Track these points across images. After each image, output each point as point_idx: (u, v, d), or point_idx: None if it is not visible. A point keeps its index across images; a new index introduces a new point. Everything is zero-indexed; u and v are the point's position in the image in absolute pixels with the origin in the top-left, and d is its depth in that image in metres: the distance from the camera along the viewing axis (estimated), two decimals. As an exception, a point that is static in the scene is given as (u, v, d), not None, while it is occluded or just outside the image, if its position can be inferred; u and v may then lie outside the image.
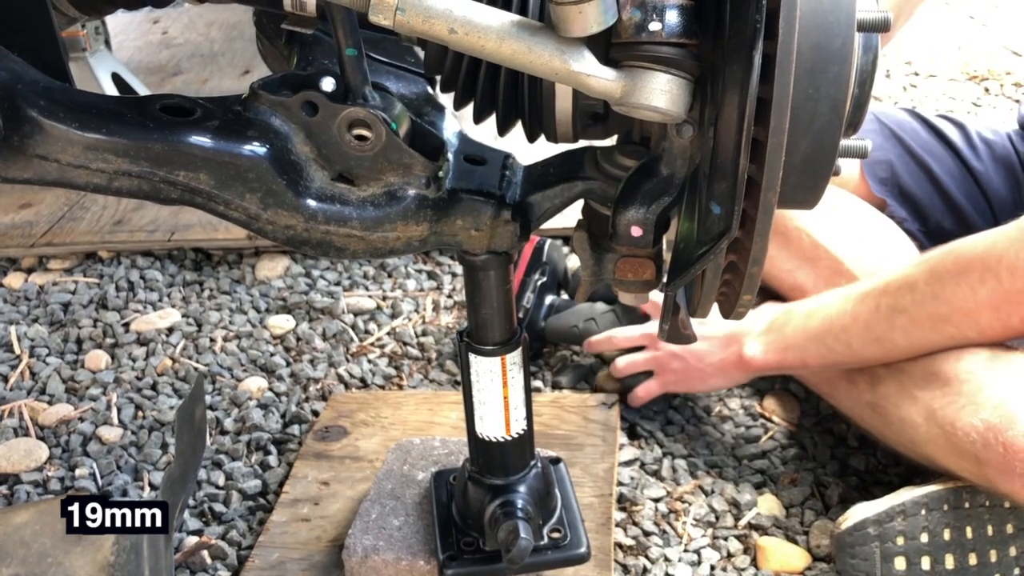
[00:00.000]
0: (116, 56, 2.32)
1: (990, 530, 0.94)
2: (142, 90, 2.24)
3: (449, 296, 1.60)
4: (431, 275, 1.66)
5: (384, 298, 1.60)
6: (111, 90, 2.12)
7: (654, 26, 0.55)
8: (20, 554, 0.93)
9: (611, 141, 0.77)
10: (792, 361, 1.11)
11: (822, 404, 1.25)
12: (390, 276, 1.66)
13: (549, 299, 1.43)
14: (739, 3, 0.52)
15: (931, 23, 2.80)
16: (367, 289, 1.63)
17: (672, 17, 0.55)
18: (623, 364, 1.27)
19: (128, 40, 2.88)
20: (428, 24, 0.56)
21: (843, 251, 1.23)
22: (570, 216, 0.79)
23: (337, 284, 1.64)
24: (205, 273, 1.70)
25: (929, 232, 1.29)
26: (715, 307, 0.97)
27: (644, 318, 1.32)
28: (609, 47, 0.57)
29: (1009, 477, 0.86)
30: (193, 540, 1.11)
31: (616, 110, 0.59)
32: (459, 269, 1.63)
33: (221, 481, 1.21)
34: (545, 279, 1.43)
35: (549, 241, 1.52)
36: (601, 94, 0.57)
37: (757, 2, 0.50)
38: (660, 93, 0.56)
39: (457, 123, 0.82)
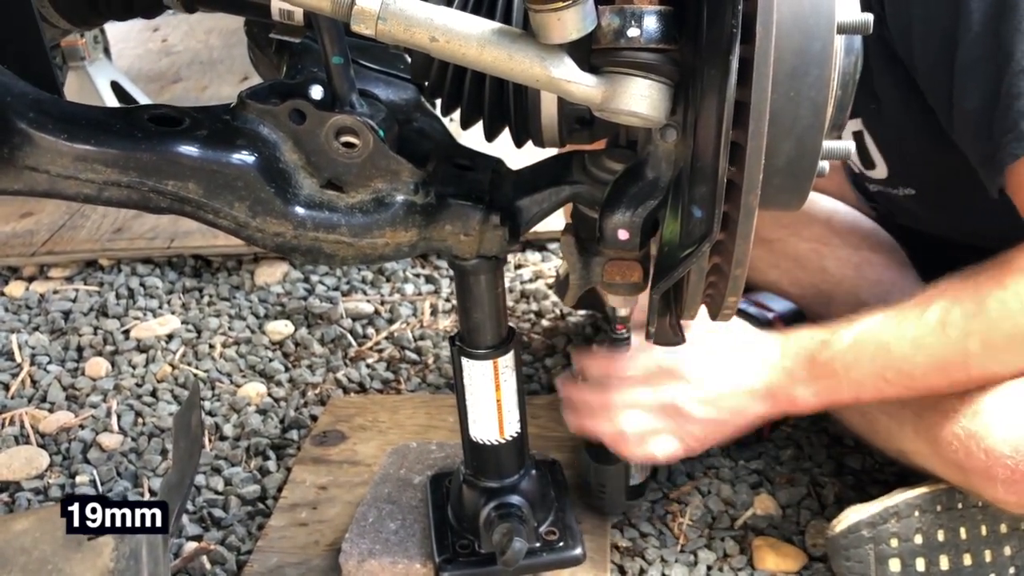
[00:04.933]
0: (116, 64, 2.33)
1: (984, 530, 0.94)
2: (142, 98, 2.25)
3: (447, 300, 1.60)
4: (429, 279, 1.66)
5: (382, 302, 1.60)
6: (111, 99, 2.14)
7: (633, 32, 0.56)
8: (21, 561, 0.93)
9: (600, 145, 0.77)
10: (846, 398, 0.95)
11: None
12: (388, 280, 1.67)
13: None
14: (716, 8, 0.53)
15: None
16: (365, 294, 1.63)
17: (650, 23, 0.56)
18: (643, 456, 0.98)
19: (128, 48, 2.89)
20: (409, 33, 0.56)
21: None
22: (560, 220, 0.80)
23: (335, 289, 1.65)
24: (204, 279, 1.71)
25: (913, 235, 1.28)
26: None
27: None
28: (590, 53, 0.58)
29: (992, 484, 0.86)
30: (192, 545, 1.11)
31: (598, 116, 0.59)
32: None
33: (220, 486, 1.22)
34: None
35: None
36: (582, 100, 0.58)
37: (733, 6, 0.50)
38: (640, 98, 0.56)
39: (446, 129, 0.83)
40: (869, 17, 0.57)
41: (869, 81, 0.93)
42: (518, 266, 1.68)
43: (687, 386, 0.94)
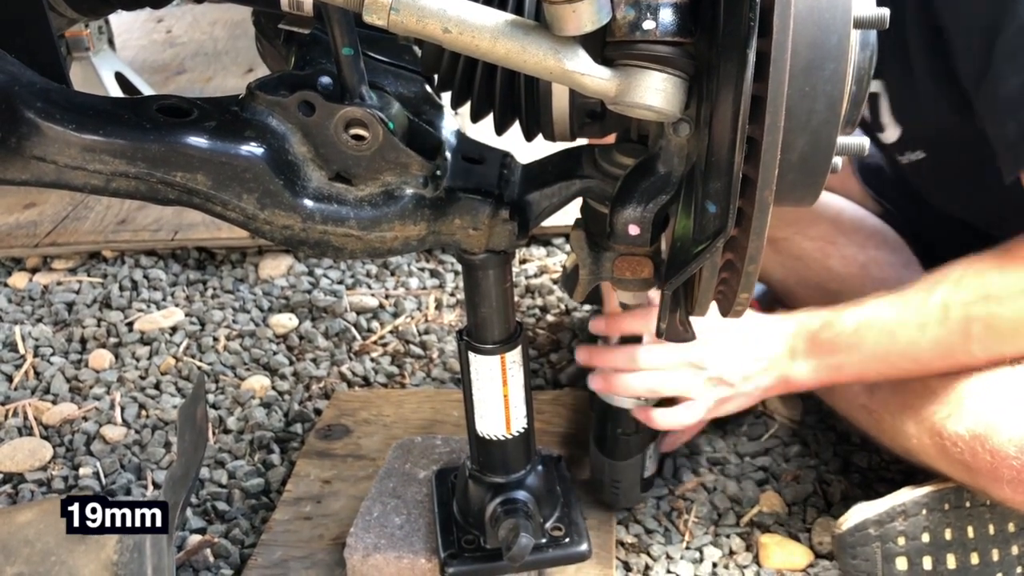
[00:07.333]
0: (120, 55, 2.32)
1: (992, 529, 0.94)
2: (146, 89, 2.24)
3: (452, 294, 1.60)
4: (434, 273, 1.66)
5: (387, 296, 1.60)
6: (115, 90, 2.13)
7: (648, 24, 0.55)
8: (24, 553, 0.93)
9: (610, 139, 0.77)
10: (847, 377, 1.00)
11: (824, 402, 1.25)
12: (393, 274, 1.66)
13: None
14: (733, 1, 0.52)
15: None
16: (370, 287, 1.63)
17: (666, 15, 0.55)
18: (670, 421, 1.02)
19: (132, 39, 2.88)
20: (422, 24, 0.55)
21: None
22: (571, 214, 0.79)
23: (340, 283, 1.65)
24: (208, 272, 1.70)
25: (920, 233, 1.28)
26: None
27: None
28: (604, 46, 0.57)
29: (999, 484, 0.86)
30: (196, 539, 1.11)
31: (611, 109, 0.58)
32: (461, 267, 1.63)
33: (224, 480, 1.22)
34: None
35: None
36: (596, 93, 0.57)
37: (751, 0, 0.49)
38: (655, 92, 0.56)
39: (456, 122, 0.82)
40: (885, 12, 0.56)
41: (903, 45, 0.95)
42: (523, 261, 1.67)
43: (704, 348, 0.98)
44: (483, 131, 0.77)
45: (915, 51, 0.94)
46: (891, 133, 1.07)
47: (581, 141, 0.76)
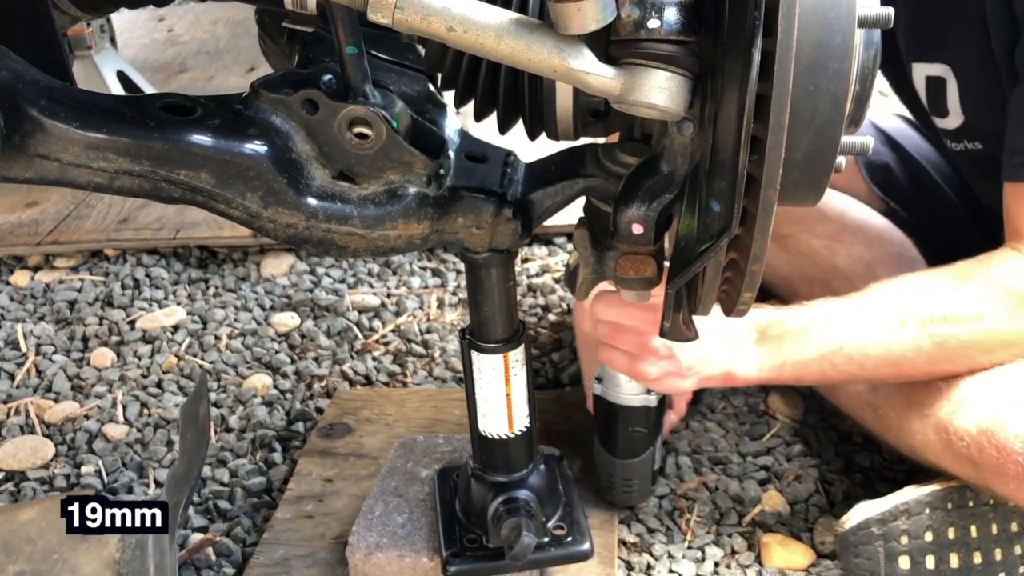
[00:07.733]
0: (122, 54, 2.32)
1: (994, 528, 0.94)
2: (148, 88, 2.24)
3: (453, 293, 1.60)
4: (436, 272, 1.66)
5: (389, 295, 1.60)
6: (116, 88, 2.13)
7: (653, 23, 0.55)
8: (26, 551, 0.93)
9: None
10: (788, 377, 0.99)
11: (827, 401, 1.25)
12: (395, 273, 1.66)
13: None
14: (738, 0, 0.52)
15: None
16: (372, 286, 1.63)
17: (671, 14, 0.55)
18: (607, 357, 0.99)
19: (134, 38, 2.88)
20: (426, 22, 0.55)
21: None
22: (573, 213, 0.79)
23: (342, 281, 1.65)
24: (210, 271, 1.70)
25: (926, 232, 1.28)
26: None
27: None
28: (608, 45, 0.57)
29: (1003, 480, 0.86)
30: (198, 537, 1.11)
31: (615, 108, 0.58)
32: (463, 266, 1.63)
33: (226, 478, 1.22)
34: None
35: None
36: (600, 92, 0.57)
37: (756, -1, 0.50)
38: (659, 91, 0.56)
39: (459, 121, 0.82)
40: (889, 11, 0.56)
41: (985, 38, 0.96)
42: (525, 260, 1.67)
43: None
44: (486, 130, 0.77)
45: (997, 42, 0.95)
46: (952, 120, 1.07)
47: (585, 140, 0.76)
